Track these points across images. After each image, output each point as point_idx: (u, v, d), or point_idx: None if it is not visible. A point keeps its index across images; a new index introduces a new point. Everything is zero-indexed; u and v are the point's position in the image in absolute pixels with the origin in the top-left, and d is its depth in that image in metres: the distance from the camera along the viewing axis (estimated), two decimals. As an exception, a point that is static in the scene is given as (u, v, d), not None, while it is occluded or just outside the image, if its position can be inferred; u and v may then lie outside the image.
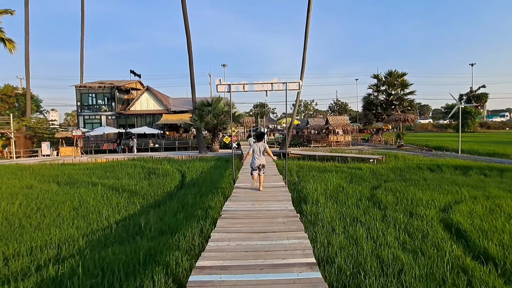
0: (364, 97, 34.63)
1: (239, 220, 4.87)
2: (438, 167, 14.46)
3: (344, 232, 5.79)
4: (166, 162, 18.22)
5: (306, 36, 22.71)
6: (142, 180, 12.56)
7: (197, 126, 23.98)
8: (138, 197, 9.41)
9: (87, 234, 6.20)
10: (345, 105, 79.93)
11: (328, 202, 8.05)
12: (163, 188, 10.60)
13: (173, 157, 22.06)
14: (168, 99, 38.99)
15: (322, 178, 11.74)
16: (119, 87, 33.69)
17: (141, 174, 14.35)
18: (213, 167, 15.31)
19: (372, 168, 14.38)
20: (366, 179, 11.84)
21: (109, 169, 16.29)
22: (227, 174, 13.04)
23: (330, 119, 30.65)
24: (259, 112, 68.62)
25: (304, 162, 17.54)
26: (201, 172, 13.67)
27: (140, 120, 34.56)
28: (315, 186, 10.14)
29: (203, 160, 18.72)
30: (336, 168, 14.61)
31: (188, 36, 23.84)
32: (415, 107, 32.42)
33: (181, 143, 29.43)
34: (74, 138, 24.00)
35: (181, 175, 13.47)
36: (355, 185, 10.59)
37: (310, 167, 15.16)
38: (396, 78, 32.33)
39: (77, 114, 34.14)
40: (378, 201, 8.14)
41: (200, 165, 16.09)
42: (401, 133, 27.06)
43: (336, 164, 15.84)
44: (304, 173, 13.48)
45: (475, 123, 65.81)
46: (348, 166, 14.99)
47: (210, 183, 11.00)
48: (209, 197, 8.91)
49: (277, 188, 7.27)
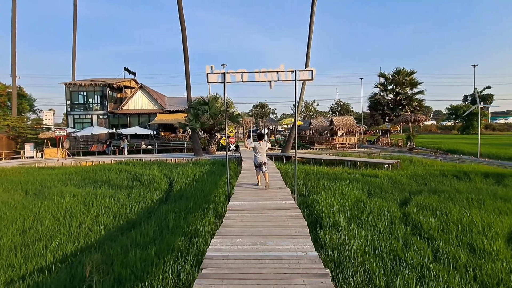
0: (370, 97, 32.81)
1: (230, 280, 2.98)
2: (465, 174, 12.60)
3: (388, 284, 3.91)
4: (156, 166, 16.32)
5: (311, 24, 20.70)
6: (123, 189, 10.67)
7: (192, 127, 22.09)
8: (110, 214, 7.52)
9: (8, 282, 4.31)
10: (347, 106, 78.11)
11: (351, 225, 6.17)
12: (143, 201, 8.72)
13: (165, 160, 20.17)
14: (164, 98, 37.12)
15: (335, 189, 9.87)
16: (111, 85, 31.80)
17: (124, 181, 12.45)
18: (207, 173, 13.42)
19: (389, 176, 12.51)
20: (387, 190, 9.97)
21: (90, 174, 14.40)
22: (222, 183, 11.16)
23: (335, 120, 28.78)
24: (259, 112, 66.76)
25: (309, 167, 15.67)
26: (192, 180, 11.78)
27: (134, 120, 32.69)
28: (328, 199, 8.28)
29: (198, 164, 16.82)
30: (348, 175, 12.73)
31: (183, 26, 21.99)
32: (424, 107, 30.52)
33: (176, 145, 27.54)
34: (57, 139, 22.08)
35: (169, 183, 11.58)
36: (377, 198, 8.72)
37: (318, 174, 13.29)
38: (405, 76, 30.53)
39: (67, 113, 32.25)
40: (416, 225, 6.27)
41: (192, 170, 14.20)
42: (412, 134, 25.19)
43: (347, 170, 13.95)
44: (313, 181, 11.60)
45: (481, 124, 64.02)
46: (362, 173, 13.11)
47: (201, 194, 9.12)
48: (197, 215, 7.04)
49: (286, 212, 5.39)
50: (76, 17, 39.61)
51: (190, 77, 22.86)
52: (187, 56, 22.58)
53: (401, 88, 30.70)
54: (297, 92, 7.18)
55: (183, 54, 22.67)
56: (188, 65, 22.61)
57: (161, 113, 31.09)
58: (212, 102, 22.53)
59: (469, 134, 59.26)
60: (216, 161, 18.52)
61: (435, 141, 34.31)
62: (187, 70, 22.60)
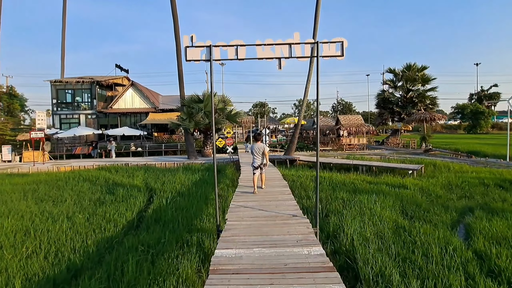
0: (378, 94, 30.52)
1: None
2: (511, 184, 10.37)
3: None
4: (140, 173, 14.09)
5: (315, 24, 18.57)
6: (88, 207, 8.44)
7: (185, 127, 19.86)
8: (50, 253, 5.27)
9: None
10: (349, 105, 75.92)
11: (409, 281, 3.92)
12: (106, 226, 6.47)
13: (154, 164, 17.94)
14: (158, 96, 34.87)
15: (359, 206, 7.64)
16: (100, 82, 29.57)
17: (96, 193, 10.21)
18: (197, 183, 11.16)
19: (419, 186, 10.29)
20: (426, 207, 7.73)
21: (60, 183, 12.15)
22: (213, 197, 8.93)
23: (342, 119, 26.54)
24: (259, 112, 64.51)
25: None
26: (178, 192, 9.52)
27: (125, 120, 30.45)
28: (357, 225, 6.05)
29: (189, 170, 14.58)
30: (369, 185, 10.50)
31: (175, 15, 19.78)
32: (437, 105, 28.32)
33: (169, 147, 25.30)
34: (36, 141, 19.84)
35: (148, 197, 9.32)
36: (421, 222, 6.51)
37: (332, 182, 11.05)
38: (416, 72, 28.30)
39: (52, 113, 30.00)
40: (503, 276, 4.03)
41: (181, 179, 11.95)
42: (427, 135, 22.94)
43: (365, 178, 11.71)
44: (327, 193, 9.36)
45: (488, 124, 61.89)
46: (385, 182, 10.87)
47: (184, 217, 6.87)
48: (172, 258, 4.79)
49: (314, 277, 3.09)
50: (65, 10, 37.35)
51: (183, 72, 20.64)
52: (179, 47, 20.34)
53: (412, 84, 28.46)
54: (313, 71, 4.94)
55: (175, 46, 20.45)
56: (180, 58, 20.39)
57: (153, 112, 28.86)
58: (208, 100, 20.28)
59: (476, 134, 57.09)
60: (210, 165, 16.27)
61: (446, 141, 32.15)
62: (179, 63, 20.37)
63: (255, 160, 7.44)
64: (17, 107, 55.82)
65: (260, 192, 7.37)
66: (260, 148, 7.41)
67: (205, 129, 21.20)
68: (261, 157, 7.42)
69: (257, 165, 7.42)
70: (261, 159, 7.42)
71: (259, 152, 7.39)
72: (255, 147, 7.42)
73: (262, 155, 7.42)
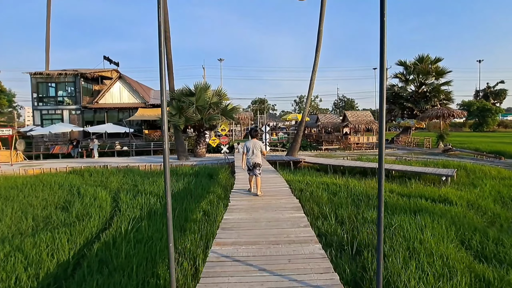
0: (387, 89, 28.22)
1: None
2: None
3: None
4: (116, 178, 11.77)
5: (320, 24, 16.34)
6: (23, 234, 6.12)
7: (174, 123, 17.50)
8: None
9: None
10: (351, 102, 73.66)
11: None
12: (21, 276, 4.18)
13: (137, 166, 15.61)
14: (149, 91, 32.41)
15: (401, 235, 5.34)
16: (84, 74, 27.07)
17: (46, 209, 7.87)
18: (180, 194, 8.81)
19: (465, 198, 8.00)
20: (495, 236, 5.44)
21: (13, 193, 9.80)
22: (198, 218, 6.61)
23: (349, 115, 24.21)
24: (259, 108, 62.06)
25: (330, 178, 11.15)
26: (150, 210, 7.18)
27: (112, 116, 28.02)
28: (415, 278, 3.76)
29: (175, 175, 12.26)
30: (401, 198, 8.20)
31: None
32: (452, 100, 26.04)
33: (160, 145, 22.95)
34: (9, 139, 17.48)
35: (110, 215, 6.98)
36: (503, 265, 4.22)
37: (351, 194, 8.75)
38: (429, 64, 25.99)
39: (33, 109, 27.53)
40: None
41: (161, 187, 9.61)
42: (445, 132, 20.65)
43: (393, 188, 9.41)
44: (350, 211, 7.04)
45: (495, 121, 59.87)
46: (419, 193, 8.56)
47: (143, 258, 4.55)
48: None
49: None
50: None
51: (173, 61, 18.22)
52: (168, 35, 17.94)
53: (425, 77, 26.16)
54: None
55: (164, 33, 18.02)
56: (169, 43, 17.97)
57: (143, 108, 26.43)
58: (200, 93, 17.92)
59: (482, 132, 54.97)
60: (202, 168, 13.94)
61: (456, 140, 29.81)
62: (168, 51, 17.95)
63: (249, 160, 6.72)
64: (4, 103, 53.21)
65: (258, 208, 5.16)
66: (256, 146, 6.71)
67: (199, 125, 18.87)
68: (257, 156, 6.71)
69: (251, 165, 6.65)
70: (257, 158, 6.68)
71: (255, 150, 6.69)
72: (250, 145, 6.71)
73: (259, 153, 6.71)
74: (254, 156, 6.72)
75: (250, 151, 6.73)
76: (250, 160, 6.71)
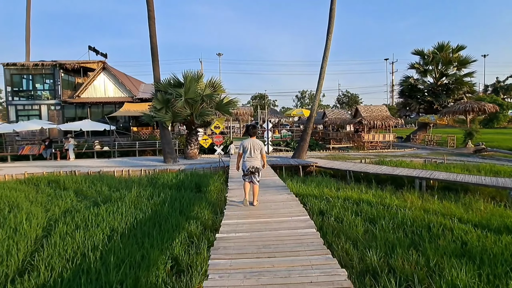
0: (402, 81, 25.33)
1: None
2: None
3: None
4: (74, 192, 8.98)
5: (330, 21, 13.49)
6: None
7: (160, 119, 14.69)
8: None
9: None
10: (355, 97, 70.69)
11: None
12: None
13: (112, 172, 12.81)
14: (139, 84, 29.46)
15: None
16: (64, 65, 24.13)
17: None
18: (143, 227, 5.99)
19: None
20: None
21: None
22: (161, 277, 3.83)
23: (362, 110, 21.34)
24: (259, 104, 59.11)
25: (351, 191, 8.36)
26: (81, 263, 4.40)
27: (96, 112, 25.14)
28: None
29: (152, 186, 9.47)
30: (477, 231, 5.43)
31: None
32: (476, 93, 23.16)
33: (147, 144, 20.21)
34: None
35: (22, 264, 4.25)
36: None
37: (396, 220, 5.98)
38: (450, 53, 23.08)
39: (7, 103, 24.63)
40: None
41: (130, 208, 6.82)
42: (475, 130, 17.84)
43: (457, 213, 6.63)
44: (406, 261, 4.25)
45: (507, 117, 57.24)
46: (502, 223, 5.79)
47: None
48: None
49: None
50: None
51: (158, 46, 15.35)
52: (152, 13, 15.07)
53: (446, 68, 23.27)
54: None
55: (147, 13, 15.16)
56: (154, 27, 15.11)
57: (130, 102, 23.56)
58: (191, 83, 15.04)
59: (492, 128, 52.44)
60: (190, 176, 11.08)
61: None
62: (152, 34, 15.10)
63: (245, 163, 5.57)
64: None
65: None
66: (256, 146, 5.56)
67: (189, 122, 16.05)
68: (256, 158, 5.59)
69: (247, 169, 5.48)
70: (255, 161, 5.56)
71: (254, 151, 5.55)
72: (247, 145, 5.56)
73: (258, 155, 5.59)
74: (252, 159, 5.57)
75: (248, 152, 5.58)
76: (247, 163, 5.57)
